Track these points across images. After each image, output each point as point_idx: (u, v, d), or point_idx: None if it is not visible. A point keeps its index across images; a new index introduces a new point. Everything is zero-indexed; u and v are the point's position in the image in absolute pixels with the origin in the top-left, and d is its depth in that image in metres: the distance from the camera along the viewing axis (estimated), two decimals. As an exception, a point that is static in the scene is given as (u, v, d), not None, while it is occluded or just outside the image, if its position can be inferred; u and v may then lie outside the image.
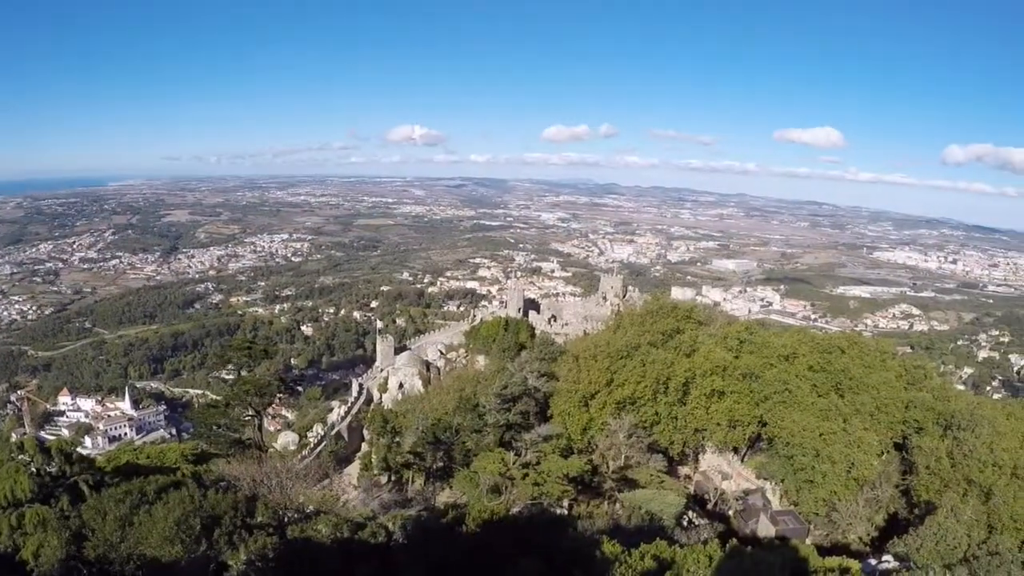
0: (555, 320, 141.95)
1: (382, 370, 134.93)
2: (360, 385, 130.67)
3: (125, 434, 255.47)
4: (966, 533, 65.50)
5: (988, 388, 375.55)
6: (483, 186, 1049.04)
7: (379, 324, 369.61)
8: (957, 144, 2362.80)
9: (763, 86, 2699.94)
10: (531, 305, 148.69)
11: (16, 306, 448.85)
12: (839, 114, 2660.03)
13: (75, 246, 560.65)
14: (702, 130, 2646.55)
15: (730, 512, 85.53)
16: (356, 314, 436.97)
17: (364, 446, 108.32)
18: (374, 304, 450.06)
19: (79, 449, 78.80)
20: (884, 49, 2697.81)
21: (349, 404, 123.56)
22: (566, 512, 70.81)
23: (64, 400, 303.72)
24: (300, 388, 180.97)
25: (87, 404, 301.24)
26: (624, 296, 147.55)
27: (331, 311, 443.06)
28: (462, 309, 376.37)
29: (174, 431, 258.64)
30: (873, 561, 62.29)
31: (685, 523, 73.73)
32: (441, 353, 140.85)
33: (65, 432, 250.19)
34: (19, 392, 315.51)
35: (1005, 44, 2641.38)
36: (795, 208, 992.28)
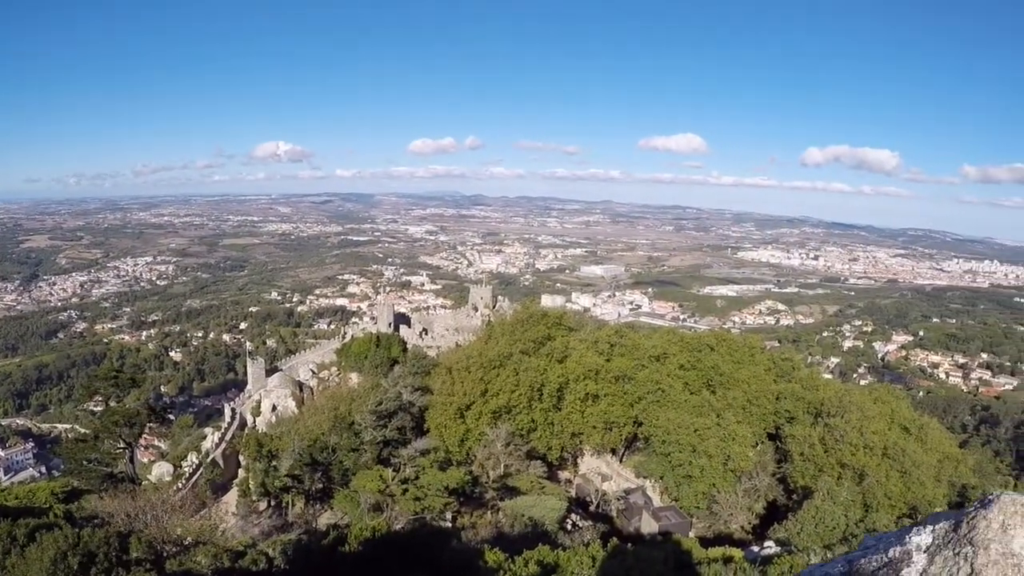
0: (426, 333, 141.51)
1: (253, 394, 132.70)
2: (233, 410, 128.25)
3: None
4: (843, 514, 67.29)
5: (855, 375, 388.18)
6: (349, 201, 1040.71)
7: (249, 346, 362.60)
8: (816, 146, 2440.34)
9: (627, 96, 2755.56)
10: (402, 320, 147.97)
11: None
12: (701, 121, 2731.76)
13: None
14: (567, 140, 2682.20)
15: (613, 512, 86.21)
16: (226, 337, 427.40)
17: (241, 472, 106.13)
18: (243, 326, 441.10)
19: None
20: (744, 56, 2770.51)
21: (223, 430, 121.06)
22: (450, 525, 70.39)
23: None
24: (171, 416, 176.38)
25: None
26: (494, 306, 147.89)
27: (200, 335, 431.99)
28: (333, 327, 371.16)
29: (44, 469, 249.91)
30: (756, 548, 63.21)
31: (569, 526, 74.18)
32: (313, 373, 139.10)
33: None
34: None
35: (860, 46, 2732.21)
36: (660, 213, 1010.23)
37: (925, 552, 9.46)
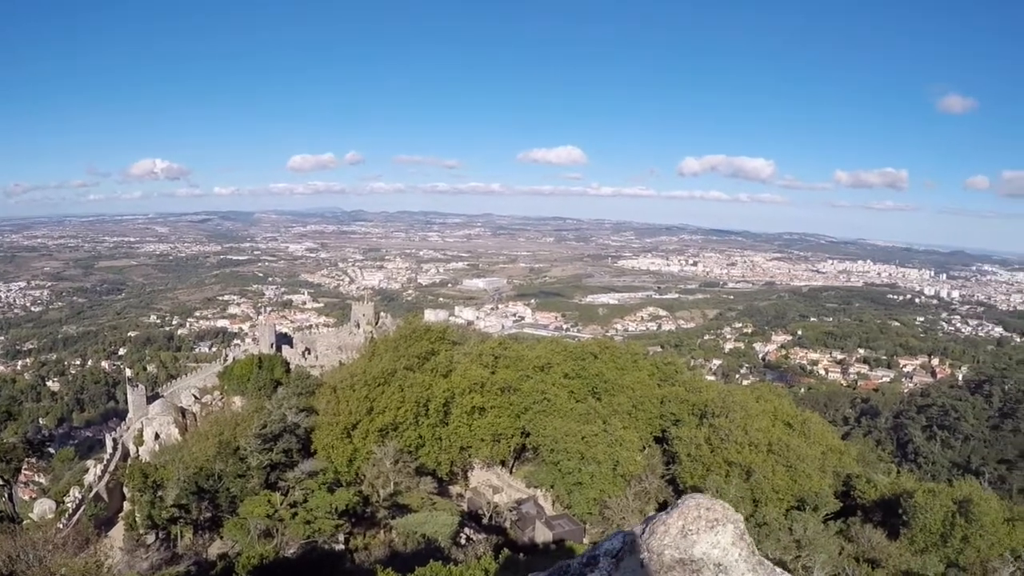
0: (309, 353, 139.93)
1: (135, 422, 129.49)
2: (115, 440, 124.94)
3: None
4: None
5: (737, 376, 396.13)
6: (228, 219, 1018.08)
7: (128, 373, 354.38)
8: (693, 156, 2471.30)
9: (506, 109, 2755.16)
10: (284, 340, 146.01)
11: None
12: (581, 133, 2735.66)
13: None
14: (447, 154, 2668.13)
15: (506, 524, 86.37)
16: (105, 364, 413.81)
17: (126, 505, 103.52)
18: (122, 352, 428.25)
19: None
20: (622, 68, 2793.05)
21: (105, 462, 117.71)
22: (343, 547, 69.84)
23: None
24: (51, 450, 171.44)
25: None
26: (377, 323, 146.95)
27: (78, 363, 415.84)
28: (214, 350, 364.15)
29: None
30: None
31: (462, 541, 74.11)
32: (196, 398, 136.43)
33: None
34: None
35: (734, 58, 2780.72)
36: (541, 224, 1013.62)
37: (613, 558, 9.70)
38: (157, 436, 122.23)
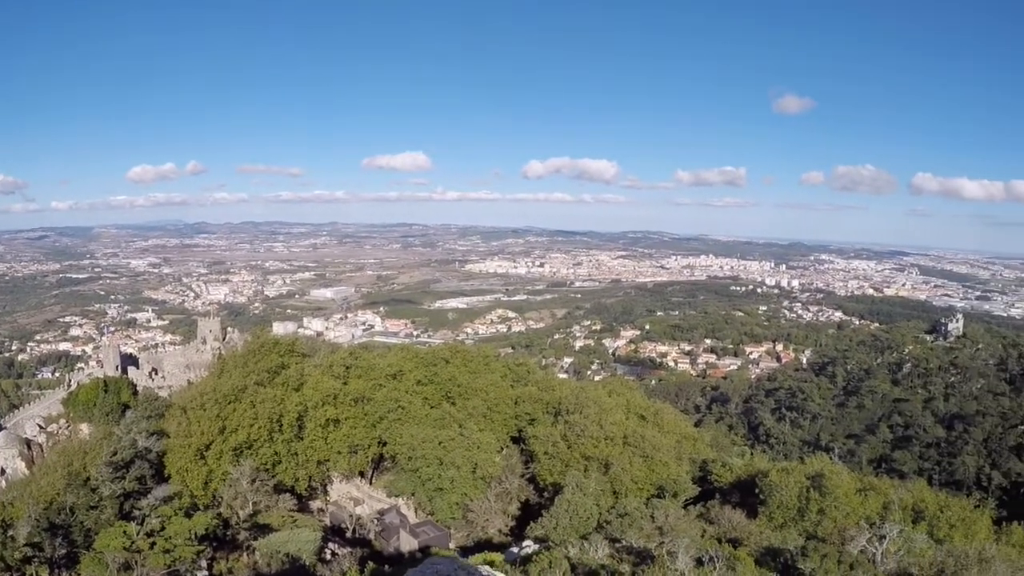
0: (157, 373, 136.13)
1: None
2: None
3: None
4: (595, 503, 69.40)
5: (589, 372, 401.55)
6: (66, 235, 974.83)
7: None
8: (537, 159, 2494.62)
9: (350, 115, 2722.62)
10: (130, 361, 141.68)
11: None
12: (425, 138, 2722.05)
13: None
14: (291, 162, 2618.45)
15: (371, 535, 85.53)
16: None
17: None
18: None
19: None
20: (465, 73, 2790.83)
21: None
22: (207, 572, 68.11)
23: None
24: None
25: None
26: (224, 338, 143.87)
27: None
28: (58, 375, 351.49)
29: None
30: (515, 549, 64.17)
31: (327, 556, 73.08)
32: (41, 427, 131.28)
33: None
34: None
35: (573, 63, 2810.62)
36: (387, 231, 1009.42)
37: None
38: (3, 471, 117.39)
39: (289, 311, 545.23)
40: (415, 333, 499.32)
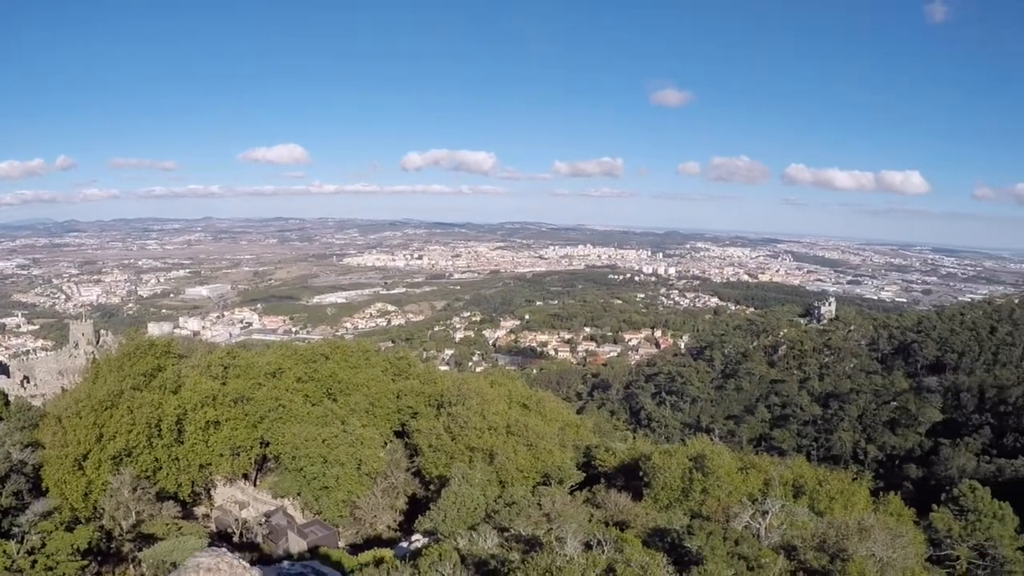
0: (28, 381, 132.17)
1: None
2: None
3: None
4: (481, 494, 69.37)
5: (470, 363, 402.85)
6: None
7: None
8: (416, 151, 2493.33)
9: (225, 106, 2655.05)
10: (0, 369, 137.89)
11: None
12: (302, 130, 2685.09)
13: None
14: (164, 155, 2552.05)
15: (258, 538, 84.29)
16: None
17: None
18: None
19: None
20: (339, 66, 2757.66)
21: None
22: (94, 588, 66.37)
23: None
24: None
25: None
26: (98, 342, 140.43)
27: None
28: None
29: None
30: (405, 544, 63.99)
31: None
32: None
33: None
34: None
35: (455, 56, 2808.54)
36: (263, 226, 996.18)
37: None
38: None
39: (164, 311, 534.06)
40: (294, 330, 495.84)
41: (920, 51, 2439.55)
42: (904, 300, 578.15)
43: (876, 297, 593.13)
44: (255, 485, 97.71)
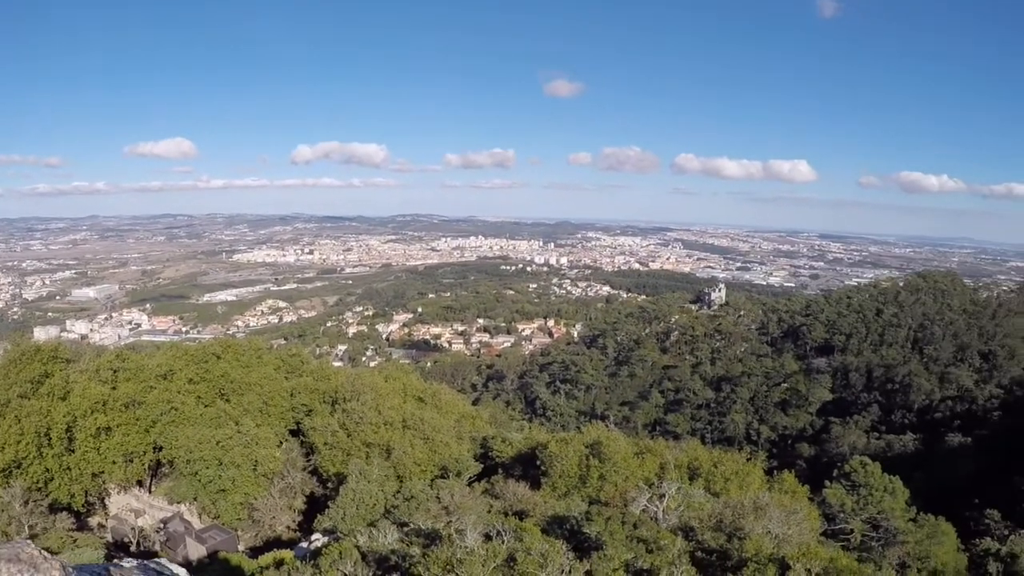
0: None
1: None
2: None
3: None
4: (380, 489, 69.28)
5: (364, 358, 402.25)
6: None
7: None
8: (306, 144, 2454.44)
9: (110, 100, 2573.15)
10: None
11: None
12: (189, 123, 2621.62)
13: None
14: (48, 151, 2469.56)
15: (156, 546, 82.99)
16: None
17: None
18: None
19: None
20: (227, 54, 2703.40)
21: None
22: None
23: None
24: None
25: None
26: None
27: None
28: None
29: None
30: (305, 544, 63.65)
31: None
32: None
33: None
34: None
35: (340, 44, 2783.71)
36: (151, 223, 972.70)
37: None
38: None
39: (51, 314, 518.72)
40: (184, 330, 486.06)
41: (808, 44, 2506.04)
42: (792, 285, 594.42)
43: (765, 282, 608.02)
44: (150, 492, 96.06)
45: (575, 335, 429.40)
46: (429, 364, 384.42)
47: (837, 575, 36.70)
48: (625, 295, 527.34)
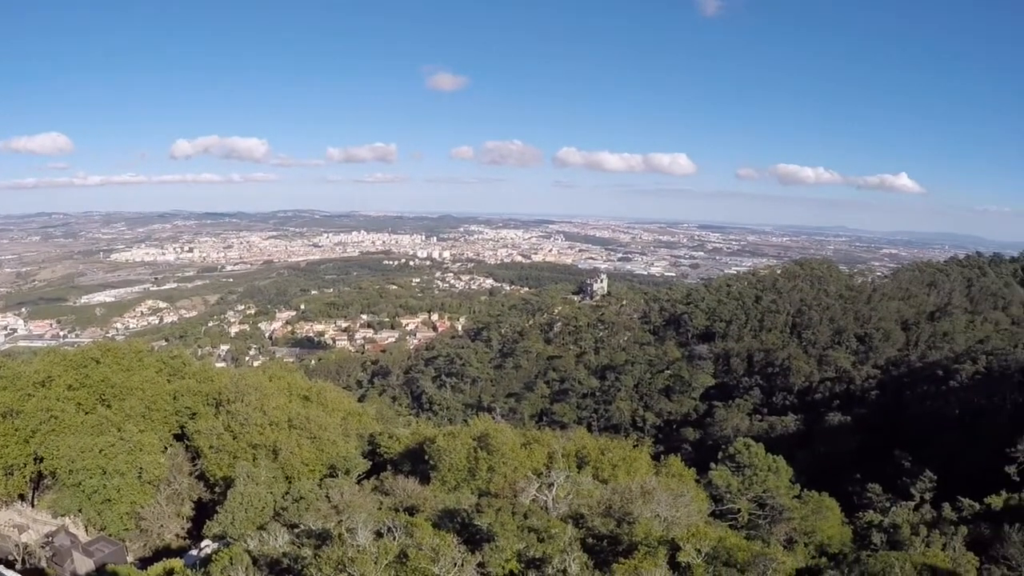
0: None
1: None
2: None
3: None
4: (268, 491, 68.94)
5: (247, 358, 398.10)
6: None
7: None
8: (185, 138, 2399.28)
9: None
10: None
11: None
12: (65, 117, 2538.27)
13: None
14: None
15: (42, 562, 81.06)
16: None
17: None
18: None
19: None
20: (103, 44, 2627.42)
21: None
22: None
23: None
24: None
25: None
26: None
27: None
28: None
29: None
30: (195, 551, 62.93)
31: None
32: None
33: None
34: None
35: (227, 37, 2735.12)
36: (24, 222, 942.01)
37: None
38: None
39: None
40: (62, 333, 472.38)
41: (690, 40, 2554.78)
42: (673, 274, 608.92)
43: (646, 272, 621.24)
44: (33, 505, 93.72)
45: (459, 328, 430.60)
46: (313, 362, 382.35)
47: (726, 554, 37.79)
48: (508, 288, 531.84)
